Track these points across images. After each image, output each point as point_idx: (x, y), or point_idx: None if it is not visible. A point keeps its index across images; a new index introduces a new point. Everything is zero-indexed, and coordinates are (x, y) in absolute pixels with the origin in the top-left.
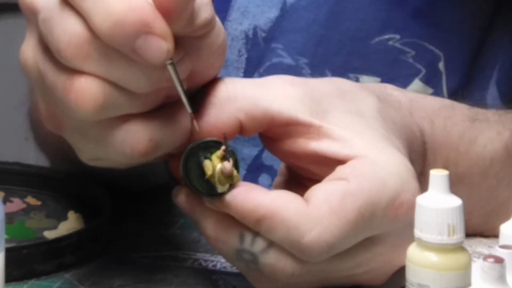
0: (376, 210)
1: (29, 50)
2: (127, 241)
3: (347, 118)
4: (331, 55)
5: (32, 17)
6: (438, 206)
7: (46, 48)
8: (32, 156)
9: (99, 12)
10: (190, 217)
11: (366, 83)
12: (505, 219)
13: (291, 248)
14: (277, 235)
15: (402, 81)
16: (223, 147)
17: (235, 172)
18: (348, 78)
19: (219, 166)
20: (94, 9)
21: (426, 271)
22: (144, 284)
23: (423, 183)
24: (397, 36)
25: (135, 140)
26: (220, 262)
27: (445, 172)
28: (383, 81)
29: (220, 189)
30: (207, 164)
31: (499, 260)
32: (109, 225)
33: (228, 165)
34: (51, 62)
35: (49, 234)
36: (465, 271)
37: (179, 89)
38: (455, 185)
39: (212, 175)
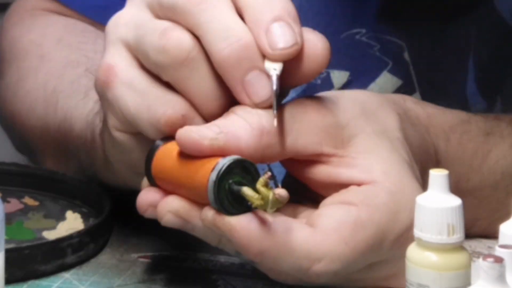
0: (385, 241)
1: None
2: (127, 241)
3: (373, 140)
4: None
5: None
6: (437, 205)
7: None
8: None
9: (220, 35)
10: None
11: (387, 94)
12: None
13: (298, 274)
14: (285, 265)
15: (371, 74)
16: (268, 174)
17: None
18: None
19: (271, 195)
20: (214, 31)
21: (426, 271)
22: (144, 284)
23: None
24: (363, 30)
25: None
26: (220, 262)
27: (444, 172)
28: (352, 75)
29: (270, 212)
30: (249, 193)
31: (498, 260)
32: (109, 225)
33: (283, 192)
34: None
35: (49, 235)
36: (465, 271)
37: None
38: (464, 198)
39: (264, 204)
